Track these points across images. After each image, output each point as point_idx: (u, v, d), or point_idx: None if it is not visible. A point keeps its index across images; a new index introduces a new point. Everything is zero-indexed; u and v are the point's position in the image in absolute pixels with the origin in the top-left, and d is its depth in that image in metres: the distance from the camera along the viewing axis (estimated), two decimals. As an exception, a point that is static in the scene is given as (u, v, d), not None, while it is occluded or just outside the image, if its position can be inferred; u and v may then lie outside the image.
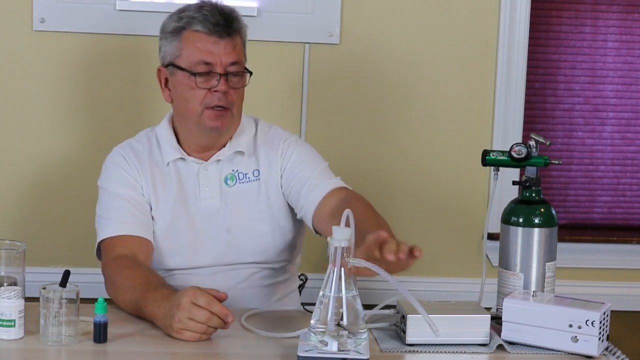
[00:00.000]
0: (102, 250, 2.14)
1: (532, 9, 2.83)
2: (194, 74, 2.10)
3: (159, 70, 2.19)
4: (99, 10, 2.70)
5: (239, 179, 2.20)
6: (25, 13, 2.69)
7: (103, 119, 2.75)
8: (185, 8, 2.16)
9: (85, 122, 2.75)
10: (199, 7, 2.14)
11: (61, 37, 2.71)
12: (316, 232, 2.19)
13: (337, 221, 1.98)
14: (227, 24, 2.12)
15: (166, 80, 2.18)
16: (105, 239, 2.13)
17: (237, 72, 2.14)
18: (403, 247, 1.71)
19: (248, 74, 2.17)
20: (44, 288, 1.76)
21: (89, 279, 2.16)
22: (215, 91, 2.11)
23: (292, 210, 2.24)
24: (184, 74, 2.12)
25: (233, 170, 2.20)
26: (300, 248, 2.32)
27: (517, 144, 2.01)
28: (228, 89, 2.11)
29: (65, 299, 1.75)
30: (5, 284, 1.89)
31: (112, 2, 2.69)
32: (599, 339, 1.76)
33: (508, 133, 2.83)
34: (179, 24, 2.13)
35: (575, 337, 1.77)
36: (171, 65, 2.15)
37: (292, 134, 2.30)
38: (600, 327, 1.76)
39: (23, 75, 2.72)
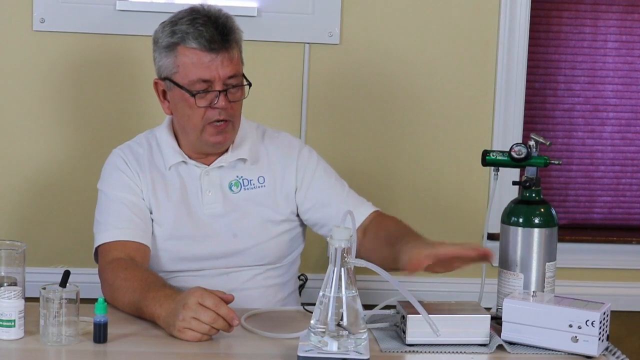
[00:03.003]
0: (99, 254, 2.13)
1: (532, 9, 2.83)
2: (193, 95, 2.07)
3: (155, 82, 2.16)
4: (99, 10, 2.69)
5: (243, 185, 2.19)
6: (25, 13, 2.69)
7: (103, 118, 2.75)
8: (178, 19, 2.09)
9: (86, 122, 2.75)
10: (192, 20, 2.07)
11: (61, 37, 2.71)
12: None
13: (367, 236, 2.17)
14: (223, 38, 2.06)
15: (164, 92, 2.15)
16: (103, 244, 2.12)
17: (236, 84, 2.11)
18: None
19: (248, 86, 2.14)
20: (44, 288, 1.76)
21: (89, 279, 2.16)
22: (216, 107, 2.09)
23: (298, 215, 2.25)
24: (182, 92, 2.09)
25: (237, 177, 2.19)
26: (301, 250, 2.32)
27: (517, 144, 2.01)
28: (228, 103, 2.09)
29: (65, 299, 1.75)
30: (5, 284, 1.89)
31: (112, 2, 2.69)
32: (599, 339, 1.76)
33: (508, 133, 2.83)
34: (172, 40, 2.08)
35: (575, 337, 1.77)
36: (168, 80, 2.12)
37: (303, 143, 2.30)
38: (600, 327, 1.76)
39: (23, 75, 2.72)
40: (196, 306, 1.77)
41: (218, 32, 2.06)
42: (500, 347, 1.81)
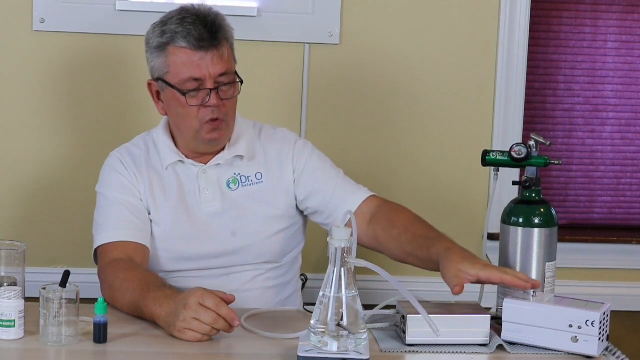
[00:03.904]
0: (99, 255, 2.13)
1: (532, 9, 2.83)
2: (184, 94, 2.08)
3: (149, 83, 2.17)
4: (99, 10, 2.70)
5: (241, 183, 2.19)
6: (25, 13, 2.69)
7: (103, 119, 2.75)
8: (168, 19, 2.10)
9: (86, 122, 2.75)
10: (181, 19, 2.08)
11: (61, 37, 2.71)
12: None
13: (375, 228, 2.14)
14: (212, 36, 2.07)
15: (158, 93, 2.16)
16: (102, 245, 2.12)
17: (228, 82, 2.11)
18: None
19: (240, 83, 2.14)
20: (44, 288, 1.76)
21: (89, 279, 2.16)
22: (208, 106, 2.09)
23: (299, 211, 2.24)
24: (174, 92, 2.09)
25: (235, 174, 2.19)
26: (301, 248, 2.32)
27: (517, 144, 2.01)
28: (220, 101, 2.09)
29: (65, 299, 1.75)
30: (5, 284, 1.89)
31: (112, 2, 2.69)
32: (599, 339, 1.76)
33: (508, 133, 2.83)
34: (162, 40, 2.09)
35: (575, 337, 1.77)
36: (160, 80, 2.12)
37: (299, 137, 2.30)
38: (600, 327, 1.76)
39: (23, 75, 2.72)
40: (197, 306, 1.77)
41: (207, 30, 2.07)
42: (500, 347, 1.81)
